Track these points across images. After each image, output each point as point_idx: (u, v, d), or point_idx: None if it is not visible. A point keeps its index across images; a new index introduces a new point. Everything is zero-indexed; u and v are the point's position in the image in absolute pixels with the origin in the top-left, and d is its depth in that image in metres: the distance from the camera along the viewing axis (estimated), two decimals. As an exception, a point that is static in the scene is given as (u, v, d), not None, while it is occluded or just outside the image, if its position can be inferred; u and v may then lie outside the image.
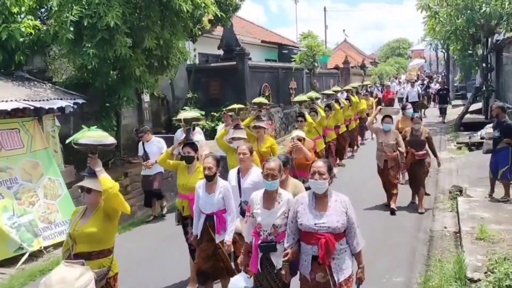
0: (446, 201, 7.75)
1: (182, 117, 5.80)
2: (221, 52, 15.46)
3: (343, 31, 67.08)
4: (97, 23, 7.47)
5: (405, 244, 6.05)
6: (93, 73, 8.50)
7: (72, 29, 7.51)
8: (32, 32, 8.03)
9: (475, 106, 16.89)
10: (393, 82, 26.93)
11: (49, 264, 6.08)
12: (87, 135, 3.36)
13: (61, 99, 7.81)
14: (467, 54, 15.68)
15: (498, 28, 13.93)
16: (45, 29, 8.30)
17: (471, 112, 16.47)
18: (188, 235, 4.90)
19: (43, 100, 7.38)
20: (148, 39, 8.23)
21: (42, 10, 9.09)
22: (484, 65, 15.03)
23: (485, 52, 14.80)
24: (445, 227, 6.52)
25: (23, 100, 7.01)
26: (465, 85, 25.01)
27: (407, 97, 19.02)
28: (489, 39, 14.68)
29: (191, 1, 8.38)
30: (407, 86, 20.79)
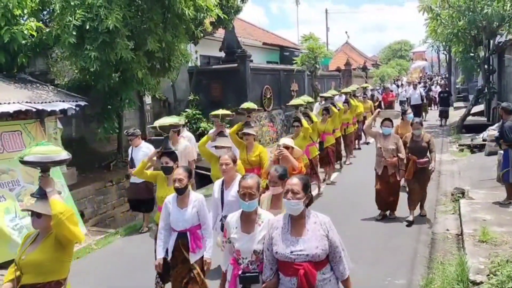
0: (448, 203, 7.72)
1: (157, 124, 5.24)
2: (222, 54, 15.48)
3: (346, 32, 67.09)
4: (99, 26, 7.48)
5: (407, 246, 6.03)
6: (95, 76, 8.52)
7: (74, 33, 7.54)
8: (34, 34, 8.05)
9: (477, 108, 16.88)
10: (393, 84, 26.84)
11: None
12: (35, 151, 2.97)
13: (63, 101, 7.84)
14: (469, 56, 15.64)
15: (500, 30, 13.90)
16: (47, 31, 8.33)
17: (473, 114, 16.47)
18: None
19: (45, 102, 7.42)
20: (150, 42, 8.27)
21: (44, 12, 9.11)
22: (486, 67, 15.01)
23: (487, 54, 14.78)
24: (447, 230, 6.50)
25: (26, 102, 7.05)
26: (467, 87, 24.96)
27: (409, 100, 18.53)
28: (491, 41, 14.65)
29: (193, 5, 8.40)
30: (409, 88, 20.25)
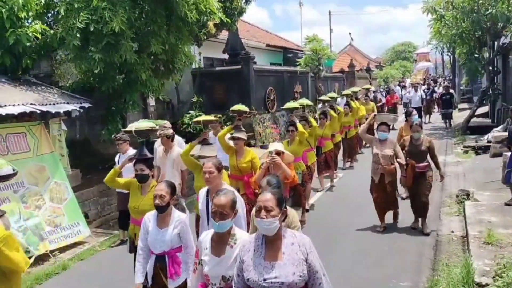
0: (453, 205, 7.69)
1: (132, 128, 4.76)
2: (226, 56, 15.49)
3: (349, 34, 67.17)
4: (103, 28, 7.51)
5: (411, 248, 6.01)
6: (99, 78, 8.54)
7: (78, 35, 7.56)
8: (39, 36, 8.08)
9: (482, 109, 16.81)
10: (396, 86, 26.74)
11: (55, 267, 6.10)
12: None
13: (68, 103, 7.85)
14: (473, 57, 15.56)
15: (504, 31, 13.85)
16: (52, 33, 8.36)
17: (478, 115, 16.40)
18: None
19: (49, 104, 7.44)
20: (154, 44, 8.28)
21: (49, 15, 9.14)
22: (490, 68, 14.95)
23: (491, 55, 14.73)
24: (452, 231, 6.48)
25: (30, 104, 7.07)
26: (471, 89, 24.85)
27: (411, 102, 18.55)
28: (496, 42, 14.60)
29: (196, 8, 8.41)
30: (412, 90, 20.23)
